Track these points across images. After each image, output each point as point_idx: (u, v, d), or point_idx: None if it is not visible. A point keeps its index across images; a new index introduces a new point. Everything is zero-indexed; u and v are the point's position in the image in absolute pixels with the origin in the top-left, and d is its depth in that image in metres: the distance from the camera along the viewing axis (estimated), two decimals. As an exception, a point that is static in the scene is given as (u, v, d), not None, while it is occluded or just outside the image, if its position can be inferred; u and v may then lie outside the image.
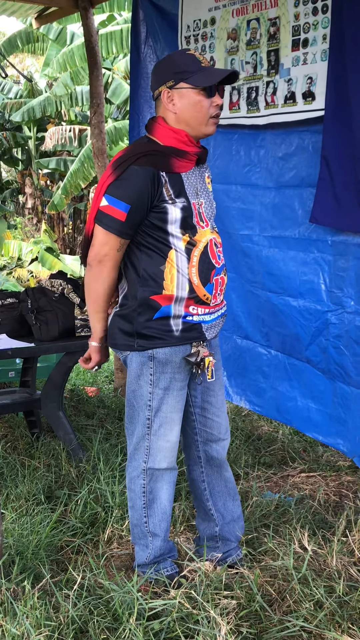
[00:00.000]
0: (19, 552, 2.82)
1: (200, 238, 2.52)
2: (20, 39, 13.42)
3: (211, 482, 2.81)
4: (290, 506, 3.33)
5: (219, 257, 2.58)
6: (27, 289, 3.96)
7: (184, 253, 2.49)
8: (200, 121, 2.49)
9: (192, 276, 2.50)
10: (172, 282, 2.49)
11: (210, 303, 2.56)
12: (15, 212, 17.41)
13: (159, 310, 2.50)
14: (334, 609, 2.40)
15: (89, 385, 5.93)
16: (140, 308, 2.52)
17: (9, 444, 4.21)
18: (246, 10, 3.80)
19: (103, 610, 2.44)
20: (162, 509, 2.68)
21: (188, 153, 2.51)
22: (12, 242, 12.60)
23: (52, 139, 14.83)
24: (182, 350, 2.55)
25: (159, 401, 2.58)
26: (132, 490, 2.69)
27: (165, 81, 2.49)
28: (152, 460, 2.62)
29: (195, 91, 2.46)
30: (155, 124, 2.55)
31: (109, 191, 2.46)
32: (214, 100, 2.49)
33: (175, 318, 2.52)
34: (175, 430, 2.63)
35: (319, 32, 3.39)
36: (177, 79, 2.46)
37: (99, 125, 5.40)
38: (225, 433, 2.80)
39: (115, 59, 13.74)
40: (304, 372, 3.77)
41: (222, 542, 2.84)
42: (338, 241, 3.43)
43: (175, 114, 2.50)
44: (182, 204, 2.47)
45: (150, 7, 4.53)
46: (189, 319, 2.53)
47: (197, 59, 2.48)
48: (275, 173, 3.77)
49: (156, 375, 2.56)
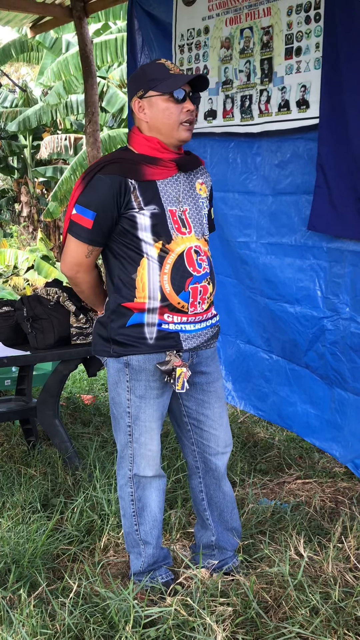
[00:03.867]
0: (14, 560, 2.82)
1: (176, 246, 2.50)
2: (15, 48, 13.46)
3: (209, 493, 2.80)
4: (286, 513, 3.33)
5: (199, 265, 2.53)
6: (23, 297, 3.96)
7: (155, 261, 2.48)
8: (171, 127, 2.49)
9: (164, 284, 2.48)
10: (143, 290, 2.49)
11: (187, 311, 2.53)
12: (11, 220, 17.42)
13: (131, 317, 2.51)
14: (330, 615, 2.40)
15: (85, 393, 5.93)
16: (114, 315, 2.55)
17: (5, 452, 4.21)
18: (239, 19, 3.82)
19: (99, 618, 2.43)
20: (152, 517, 2.68)
21: (161, 160, 2.51)
22: (8, 250, 12.59)
23: (47, 148, 14.85)
24: (156, 358, 2.53)
25: (137, 409, 2.58)
26: (122, 498, 2.70)
27: (137, 91, 2.52)
28: (136, 467, 2.63)
29: (164, 98, 2.47)
30: (131, 133, 2.59)
31: (78, 200, 2.50)
32: (185, 106, 2.49)
33: (150, 326, 2.51)
34: (155, 439, 2.62)
35: (312, 40, 3.41)
36: (146, 88, 2.49)
37: (94, 134, 5.43)
38: (224, 447, 2.75)
39: (110, 67, 13.77)
40: (303, 378, 3.78)
41: (219, 551, 2.83)
42: (333, 248, 3.44)
43: (147, 122, 2.52)
44: (152, 211, 2.47)
45: (145, 16, 4.55)
46: (164, 327, 2.51)
47: (165, 67, 2.50)
48: (271, 180, 3.79)
49: (132, 382, 2.56)
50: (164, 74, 2.48)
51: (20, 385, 4.38)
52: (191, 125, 2.53)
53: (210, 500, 2.80)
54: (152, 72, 2.50)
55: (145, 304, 2.49)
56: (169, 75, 2.48)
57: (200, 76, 2.52)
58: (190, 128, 2.53)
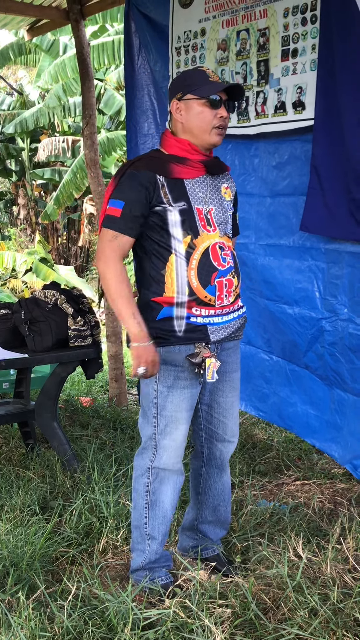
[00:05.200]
0: (13, 563, 2.82)
1: (201, 242, 2.61)
2: (12, 51, 13.44)
3: (208, 480, 2.89)
4: (285, 514, 3.33)
5: (223, 259, 2.65)
6: (21, 300, 3.97)
7: (183, 257, 2.59)
8: (203, 130, 2.64)
9: (191, 278, 2.59)
10: (172, 285, 2.60)
11: (214, 304, 2.63)
12: (9, 223, 17.42)
13: (160, 311, 2.61)
14: (329, 616, 2.40)
15: (83, 395, 5.93)
16: (144, 309, 2.64)
17: (4, 455, 4.21)
18: (236, 21, 3.82)
19: (98, 620, 2.43)
20: (163, 513, 2.73)
21: (190, 160, 2.65)
22: (6, 253, 12.58)
23: (45, 150, 14.84)
24: (185, 350, 2.63)
25: (164, 399, 2.66)
26: (135, 489, 2.75)
27: (176, 93, 2.68)
28: (158, 459, 2.69)
29: (200, 102, 2.62)
30: (163, 135, 2.75)
31: (111, 196, 2.63)
32: (219, 112, 2.63)
33: (178, 319, 2.61)
34: (180, 430, 2.69)
35: (308, 42, 3.41)
36: (184, 91, 2.65)
37: (92, 136, 5.43)
38: (231, 436, 2.87)
39: (107, 70, 13.77)
40: (303, 378, 3.78)
41: (201, 537, 2.94)
42: (331, 249, 3.44)
43: (182, 123, 2.66)
44: (181, 208, 2.60)
45: (142, 19, 4.55)
46: (193, 320, 2.62)
47: (206, 74, 2.66)
48: (269, 182, 3.79)
49: (160, 372, 2.64)
50: (203, 80, 2.64)
51: (19, 388, 4.38)
52: (223, 130, 2.68)
53: (209, 488, 2.90)
54: (193, 77, 2.66)
55: (174, 298, 2.60)
56: (208, 81, 2.63)
57: (236, 85, 2.68)
58: (222, 133, 2.68)
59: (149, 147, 4.61)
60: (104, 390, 6.18)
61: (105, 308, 5.58)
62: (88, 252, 15.97)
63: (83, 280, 12.61)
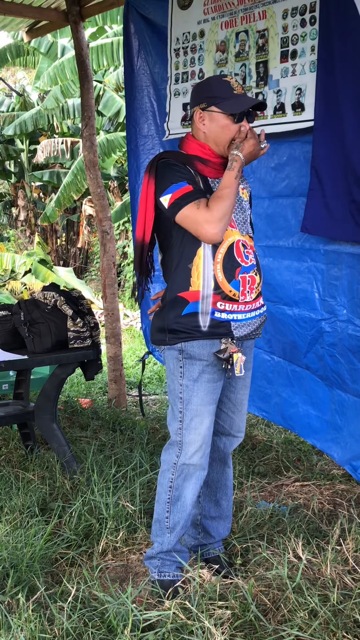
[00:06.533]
0: (13, 565, 2.81)
1: (227, 237, 2.66)
2: (10, 53, 13.45)
3: (211, 473, 2.93)
4: (285, 515, 3.33)
5: (246, 256, 2.70)
6: (20, 302, 3.97)
7: (210, 250, 2.64)
8: (226, 142, 2.70)
9: (217, 272, 2.64)
10: (198, 278, 2.64)
11: (238, 299, 2.67)
12: (8, 224, 17.41)
13: (186, 307, 2.66)
14: (329, 617, 2.40)
15: (82, 396, 5.93)
16: (170, 305, 2.69)
17: (3, 457, 4.20)
18: (235, 22, 3.82)
19: (98, 622, 2.43)
20: (184, 508, 2.77)
21: (211, 161, 2.72)
22: (5, 254, 12.57)
23: (44, 152, 14.85)
24: (209, 345, 2.67)
25: (189, 393, 2.70)
26: (160, 484, 2.80)
27: (199, 102, 2.71)
28: (183, 455, 2.73)
29: (224, 115, 2.67)
30: (184, 139, 2.81)
31: (159, 189, 2.63)
32: (242, 124, 2.69)
33: (203, 314, 2.65)
34: (205, 424, 2.72)
35: (307, 43, 3.41)
36: (209, 102, 2.68)
37: (91, 138, 5.42)
38: (237, 431, 2.92)
39: (106, 71, 13.77)
40: (304, 379, 3.79)
41: (204, 534, 2.96)
42: (331, 250, 3.44)
43: (204, 133, 2.72)
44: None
45: (141, 20, 4.55)
46: (217, 315, 2.66)
47: (231, 86, 2.69)
48: (268, 183, 3.79)
49: (185, 367, 2.70)
50: (228, 92, 2.67)
51: (18, 389, 4.38)
52: None
53: (212, 483, 2.94)
54: (218, 89, 2.69)
55: (200, 292, 2.64)
56: (233, 95, 2.67)
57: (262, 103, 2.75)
58: None
59: (148, 148, 4.62)
60: (104, 391, 6.18)
61: (105, 309, 5.58)
62: (87, 253, 15.98)
63: (82, 282, 12.60)
